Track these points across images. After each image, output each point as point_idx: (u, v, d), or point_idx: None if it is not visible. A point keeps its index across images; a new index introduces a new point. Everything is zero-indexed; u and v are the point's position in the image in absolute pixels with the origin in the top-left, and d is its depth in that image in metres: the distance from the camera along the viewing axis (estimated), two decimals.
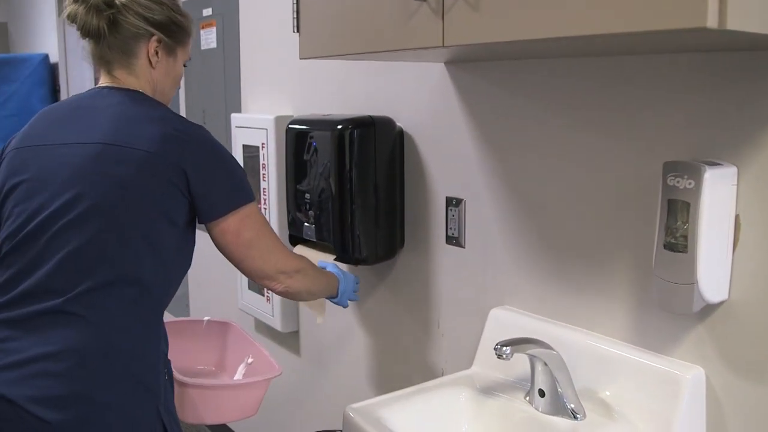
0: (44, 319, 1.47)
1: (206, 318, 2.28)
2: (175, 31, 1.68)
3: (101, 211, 1.49)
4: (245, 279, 2.77)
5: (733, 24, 0.90)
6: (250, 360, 2.11)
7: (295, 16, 1.66)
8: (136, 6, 1.61)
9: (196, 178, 1.54)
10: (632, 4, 0.96)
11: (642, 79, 1.42)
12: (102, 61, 1.65)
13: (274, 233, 1.69)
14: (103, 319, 1.48)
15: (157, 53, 1.65)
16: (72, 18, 1.61)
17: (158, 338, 1.59)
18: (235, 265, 1.67)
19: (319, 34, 1.62)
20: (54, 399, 1.43)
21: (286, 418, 2.80)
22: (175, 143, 1.54)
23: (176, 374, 1.81)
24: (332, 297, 1.90)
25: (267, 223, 1.67)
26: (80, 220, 1.49)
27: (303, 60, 1.71)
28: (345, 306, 1.95)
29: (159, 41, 1.65)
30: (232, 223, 1.59)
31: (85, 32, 1.61)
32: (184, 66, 1.77)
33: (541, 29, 1.08)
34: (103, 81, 1.66)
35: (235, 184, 1.61)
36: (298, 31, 1.67)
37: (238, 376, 2.11)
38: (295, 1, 1.66)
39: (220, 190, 1.58)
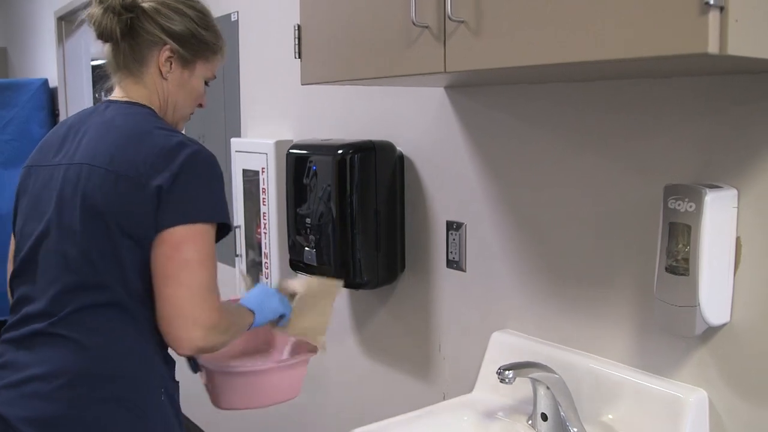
0: (37, 339, 1.47)
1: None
2: (193, 44, 1.61)
3: (75, 237, 1.47)
4: None
5: (734, 49, 0.91)
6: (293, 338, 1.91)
7: (296, 43, 1.68)
8: (156, 14, 1.57)
9: (164, 193, 1.43)
10: (633, 30, 0.97)
11: (643, 103, 1.43)
12: (115, 67, 1.62)
13: (215, 279, 1.48)
14: (88, 340, 1.46)
15: (170, 64, 1.60)
16: (90, 19, 1.57)
17: (152, 359, 1.52)
18: (156, 291, 1.45)
19: (320, 60, 1.63)
20: (43, 420, 1.43)
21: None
22: (151, 162, 1.45)
23: (212, 363, 1.73)
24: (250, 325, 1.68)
25: (214, 260, 1.48)
26: (58, 245, 1.48)
27: (303, 85, 1.72)
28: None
29: (172, 51, 1.59)
30: (176, 234, 1.43)
31: (99, 34, 1.58)
32: (206, 84, 1.70)
33: (542, 55, 1.10)
34: (114, 94, 1.64)
35: (198, 199, 1.47)
36: (299, 57, 1.68)
37: (286, 355, 1.95)
38: (296, 28, 1.67)
39: (179, 201, 1.44)
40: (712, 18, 0.89)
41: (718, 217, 1.28)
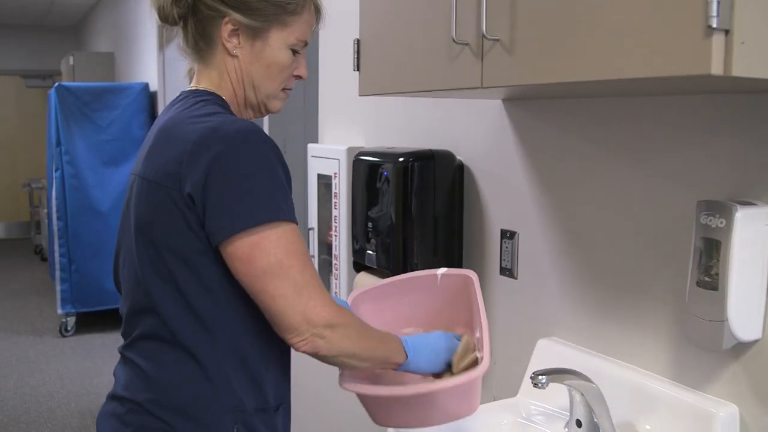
0: (123, 359, 1.46)
1: (441, 271, 1.73)
2: (260, 10, 1.40)
3: (133, 258, 1.39)
4: None
5: (739, 71, 0.94)
6: (477, 334, 1.57)
7: (355, 57, 1.76)
8: None
9: (201, 198, 1.28)
10: (644, 52, 1.02)
11: (688, 119, 1.45)
12: (188, 53, 1.48)
13: (310, 268, 1.31)
14: (149, 369, 1.39)
15: (237, 37, 1.42)
16: (152, 3, 1.45)
17: (217, 392, 1.37)
18: (258, 305, 1.32)
19: (376, 73, 1.71)
20: None
21: None
22: (178, 162, 1.30)
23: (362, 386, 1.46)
24: (396, 365, 1.44)
25: (299, 253, 1.30)
26: (124, 265, 1.44)
27: (361, 96, 1.80)
28: (416, 370, 1.45)
29: (235, 23, 1.40)
30: (241, 246, 1.27)
31: (160, 17, 1.45)
32: (295, 52, 1.46)
33: (565, 74, 1.15)
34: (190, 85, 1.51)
35: (249, 199, 1.27)
36: (358, 69, 1.77)
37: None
38: (356, 42, 1.76)
39: (228, 206, 1.27)
40: (716, 41, 0.93)
41: (750, 233, 1.30)
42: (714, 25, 0.92)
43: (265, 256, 1.26)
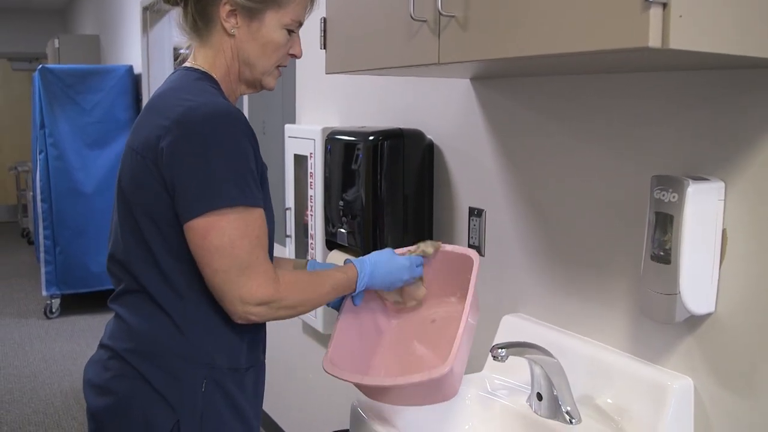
0: (112, 311, 1.55)
1: (447, 248, 1.72)
2: None
3: (117, 220, 1.49)
4: None
5: (677, 44, 0.96)
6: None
7: (322, 35, 1.77)
8: None
9: (170, 178, 1.37)
10: (585, 26, 1.03)
11: (646, 97, 1.47)
12: (186, 32, 1.54)
13: (259, 250, 1.39)
14: (130, 320, 1.48)
15: (235, 17, 1.48)
16: None
17: (189, 347, 1.45)
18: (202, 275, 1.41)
19: (341, 51, 1.73)
20: (95, 385, 1.52)
21: (320, 414, 2.89)
22: (158, 137, 1.38)
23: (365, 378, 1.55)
24: (350, 292, 1.59)
25: (253, 236, 1.38)
26: (116, 226, 1.51)
27: (327, 74, 1.81)
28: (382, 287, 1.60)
29: (233, 4, 1.46)
30: (199, 224, 1.35)
31: None
32: (290, 32, 1.53)
33: (513, 49, 1.16)
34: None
35: (212, 183, 1.35)
36: (324, 48, 1.78)
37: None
38: (322, 21, 1.77)
39: (192, 190, 1.35)
40: (653, 14, 0.94)
41: (702, 208, 1.31)
42: None
43: (219, 235, 1.35)
